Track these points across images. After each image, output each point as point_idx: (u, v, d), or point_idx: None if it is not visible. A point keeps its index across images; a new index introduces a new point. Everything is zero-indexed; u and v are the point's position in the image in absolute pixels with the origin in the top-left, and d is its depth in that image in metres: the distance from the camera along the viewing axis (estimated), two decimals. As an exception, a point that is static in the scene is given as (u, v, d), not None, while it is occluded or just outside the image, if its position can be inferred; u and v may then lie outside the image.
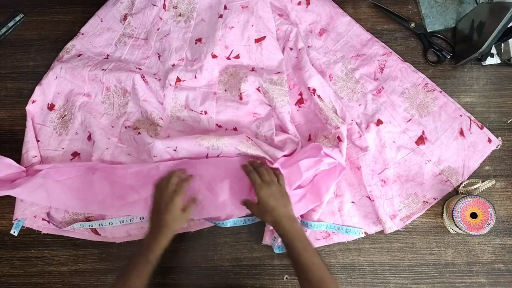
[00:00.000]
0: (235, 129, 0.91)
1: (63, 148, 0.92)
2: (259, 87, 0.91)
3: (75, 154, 0.92)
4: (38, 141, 0.92)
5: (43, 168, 0.86)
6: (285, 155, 0.84)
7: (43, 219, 0.89)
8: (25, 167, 0.87)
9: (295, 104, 0.93)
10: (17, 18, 1.00)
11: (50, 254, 0.89)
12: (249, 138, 0.85)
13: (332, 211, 0.87)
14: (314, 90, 0.89)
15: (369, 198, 0.86)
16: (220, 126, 0.91)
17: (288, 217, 0.74)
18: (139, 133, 0.88)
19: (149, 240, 0.73)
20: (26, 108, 0.92)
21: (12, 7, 1.01)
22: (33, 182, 0.84)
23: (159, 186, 0.77)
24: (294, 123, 0.91)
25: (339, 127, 0.86)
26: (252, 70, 0.93)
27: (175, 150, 0.85)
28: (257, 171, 0.79)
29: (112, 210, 0.86)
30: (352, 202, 0.88)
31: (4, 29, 0.99)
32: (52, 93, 0.94)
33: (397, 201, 0.87)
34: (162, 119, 0.91)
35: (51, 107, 0.95)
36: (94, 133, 0.90)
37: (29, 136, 0.91)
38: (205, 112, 0.91)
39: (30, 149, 0.90)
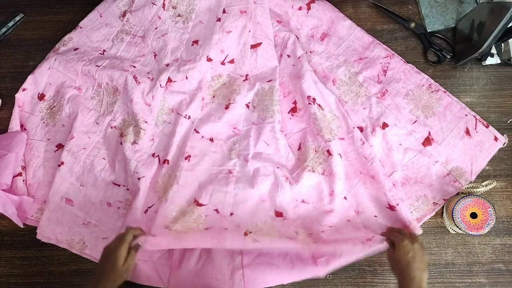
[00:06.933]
0: (211, 139, 0.90)
1: (49, 139, 0.93)
2: (248, 103, 0.91)
3: (59, 146, 0.92)
4: (25, 129, 0.93)
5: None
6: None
7: None
8: None
9: (288, 112, 0.92)
10: (17, 18, 1.00)
11: (50, 254, 0.89)
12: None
13: (357, 227, 0.84)
14: (314, 99, 0.88)
15: (390, 208, 0.84)
16: (198, 132, 0.90)
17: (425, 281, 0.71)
18: (121, 143, 0.89)
19: None
20: (16, 95, 0.94)
21: (12, 7, 1.01)
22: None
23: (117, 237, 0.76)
24: (285, 132, 0.91)
25: (330, 141, 0.86)
26: (246, 79, 0.93)
27: (140, 177, 0.86)
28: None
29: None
30: (375, 216, 0.86)
31: (4, 29, 0.99)
32: (43, 83, 0.95)
33: (407, 204, 0.87)
34: (146, 122, 0.90)
35: (41, 97, 0.95)
36: (76, 129, 0.90)
37: (14, 123, 0.93)
38: (189, 117, 0.91)
39: None
